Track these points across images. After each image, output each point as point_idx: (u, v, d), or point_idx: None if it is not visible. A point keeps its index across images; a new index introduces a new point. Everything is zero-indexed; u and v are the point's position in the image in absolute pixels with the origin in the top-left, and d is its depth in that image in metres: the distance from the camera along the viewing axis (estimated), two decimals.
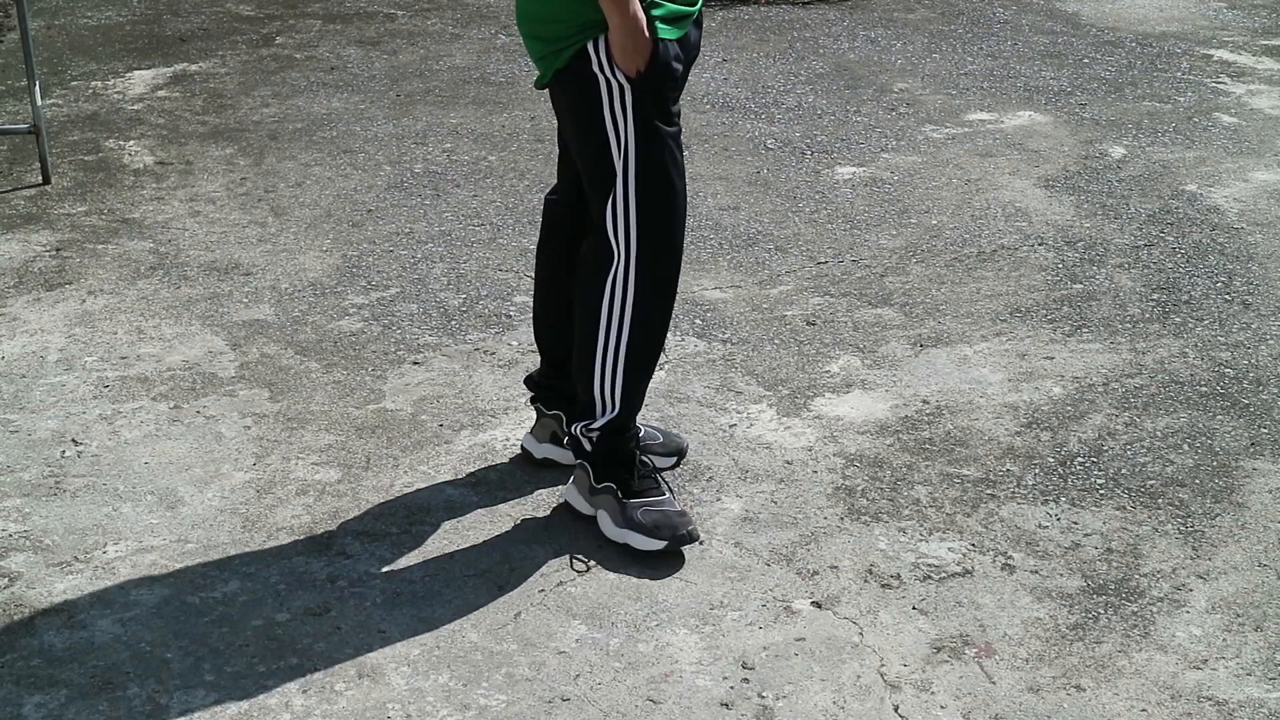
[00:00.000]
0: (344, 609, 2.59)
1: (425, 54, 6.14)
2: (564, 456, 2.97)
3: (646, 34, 2.51)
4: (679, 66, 2.60)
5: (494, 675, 2.43)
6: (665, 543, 2.71)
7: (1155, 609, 2.61)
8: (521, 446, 3.08)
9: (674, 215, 2.66)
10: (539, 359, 3.02)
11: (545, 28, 2.60)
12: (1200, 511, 2.91)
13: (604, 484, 2.79)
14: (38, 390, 3.36)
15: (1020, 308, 3.82)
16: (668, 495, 2.80)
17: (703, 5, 2.72)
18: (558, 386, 2.95)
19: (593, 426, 2.78)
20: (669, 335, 3.62)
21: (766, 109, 5.42)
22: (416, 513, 2.89)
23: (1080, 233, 4.30)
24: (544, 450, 3.02)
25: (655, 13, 2.54)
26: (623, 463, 2.80)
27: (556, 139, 2.89)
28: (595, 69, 2.55)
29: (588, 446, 2.81)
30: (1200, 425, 3.23)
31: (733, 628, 2.55)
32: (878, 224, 4.37)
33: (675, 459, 3.04)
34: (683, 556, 2.74)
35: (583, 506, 2.85)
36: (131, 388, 3.38)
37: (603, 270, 2.68)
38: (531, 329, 3.11)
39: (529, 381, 3.04)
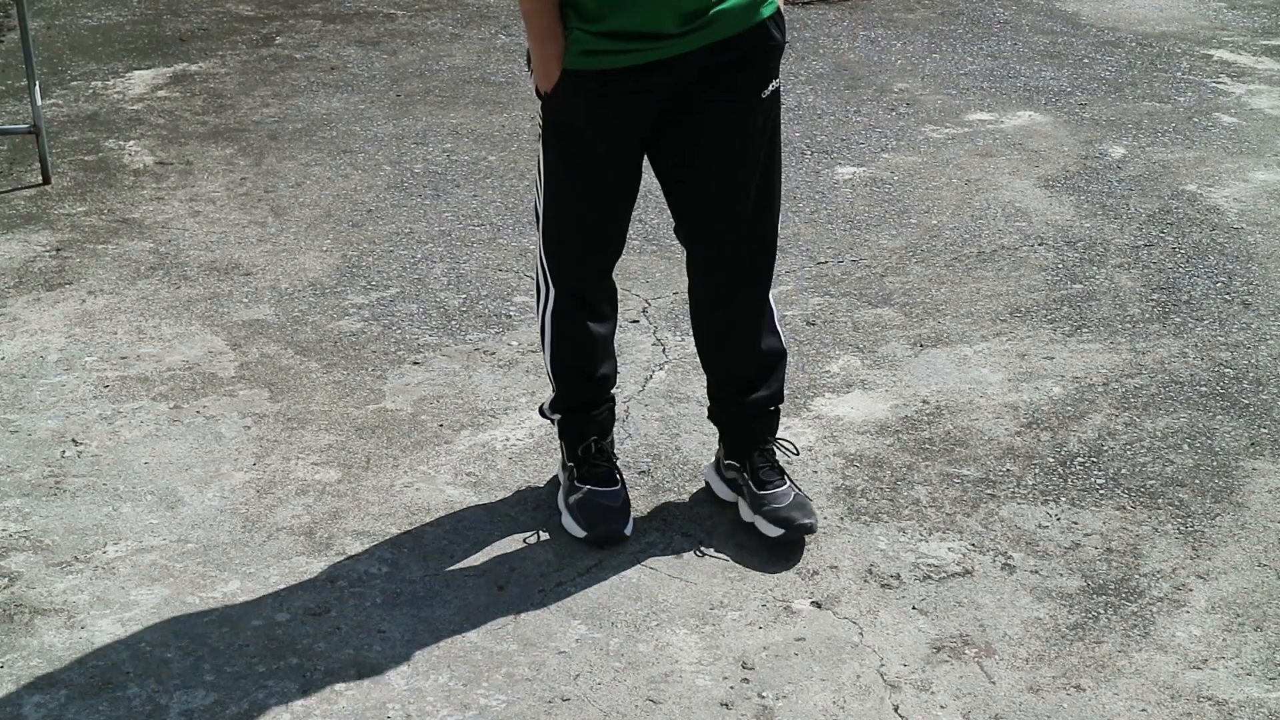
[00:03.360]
0: (344, 609, 2.59)
1: (425, 54, 6.14)
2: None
3: (555, 60, 2.46)
4: (592, 109, 2.51)
5: (494, 675, 2.43)
6: (585, 534, 2.79)
7: (1155, 609, 2.61)
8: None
9: (571, 232, 2.69)
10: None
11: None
12: (1200, 511, 2.91)
13: (568, 462, 2.88)
14: (38, 390, 3.36)
15: (1020, 308, 3.82)
16: (617, 489, 2.87)
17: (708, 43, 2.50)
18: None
19: (545, 408, 2.93)
20: (670, 335, 3.63)
21: None
22: (416, 513, 2.89)
23: (1080, 233, 4.30)
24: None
25: (581, 47, 2.45)
26: (581, 447, 2.88)
27: None
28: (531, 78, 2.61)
29: (553, 422, 2.91)
30: (1200, 425, 3.23)
31: (733, 628, 2.55)
32: (878, 224, 4.37)
33: (780, 531, 2.79)
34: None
35: (562, 478, 2.91)
36: (131, 388, 3.38)
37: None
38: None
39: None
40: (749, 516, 2.80)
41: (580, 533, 2.77)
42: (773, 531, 2.74)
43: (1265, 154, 4.96)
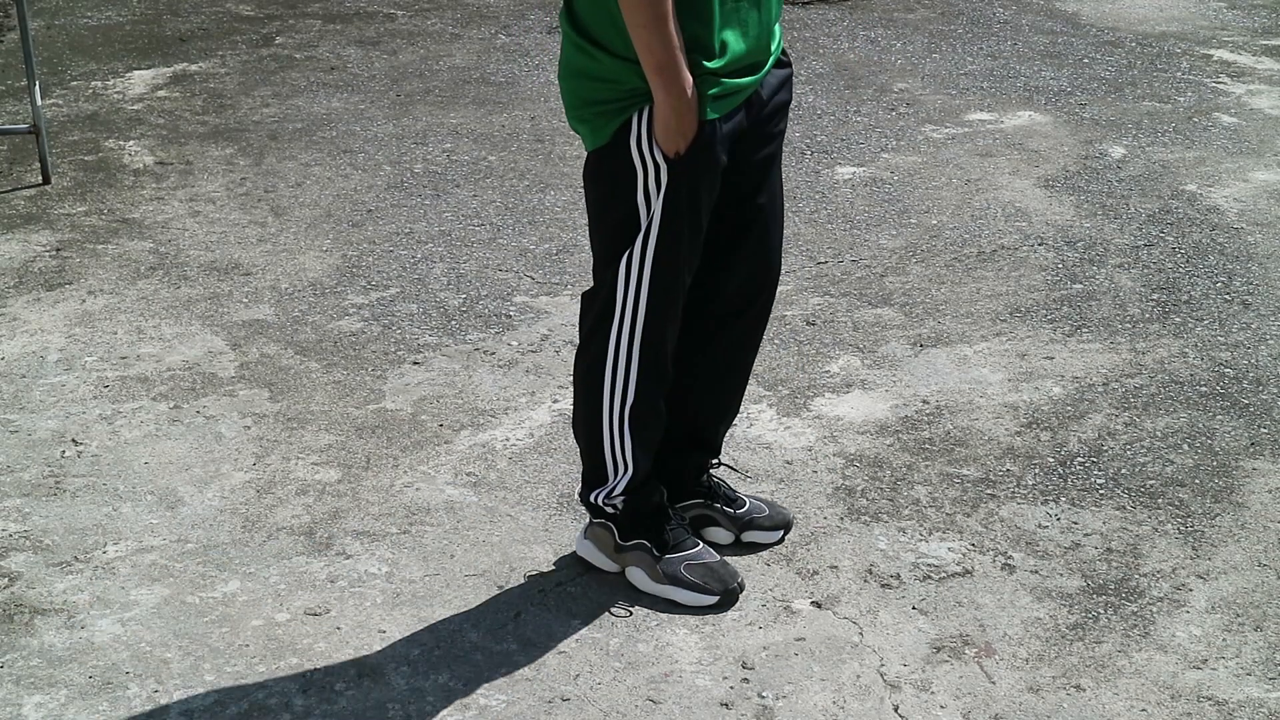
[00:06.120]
0: (344, 609, 2.59)
1: (425, 54, 6.14)
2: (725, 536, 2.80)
3: (695, 114, 2.29)
4: (721, 155, 2.38)
5: (494, 675, 2.43)
6: (718, 597, 2.61)
7: (1155, 609, 2.61)
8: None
9: (679, 289, 2.47)
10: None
11: (590, 87, 2.36)
12: (1200, 511, 2.91)
13: (633, 541, 2.65)
14: (38, 390, 3.36)
15: (1020, 308, 3.82)
16: (702, 545, 2.67)
17: (774, 64, 2.46)
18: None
19: (615, 494, 2.61)
20: None
21: None
22: (416, 513, 2.89)
23: (1080, 233, 4.30)
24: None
25: (710, 91, 2.31)
26: (652, 517, 2.65)
27: None
28: (633, 143, 2.33)
29: (611, 511, 2.64)
30: (1200, 425, 3.23)
31: (733, 628, 2.55)
32: (878, 224, 4.37)
33: (781, 533, 2.81)
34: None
35: (605, 564, 2.69)
36: (131, 388, 3.38)
37: (605, 327, 2.49)
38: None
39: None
40: (741, 536, 2.78)
41: (710, 599, 2.60)
42: (775, 536, 2.78)
43: (1265, 154, 4.96)
